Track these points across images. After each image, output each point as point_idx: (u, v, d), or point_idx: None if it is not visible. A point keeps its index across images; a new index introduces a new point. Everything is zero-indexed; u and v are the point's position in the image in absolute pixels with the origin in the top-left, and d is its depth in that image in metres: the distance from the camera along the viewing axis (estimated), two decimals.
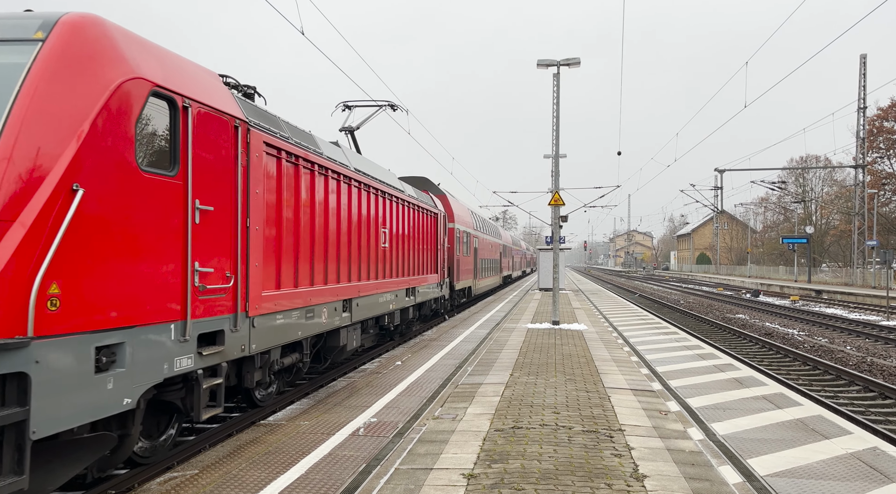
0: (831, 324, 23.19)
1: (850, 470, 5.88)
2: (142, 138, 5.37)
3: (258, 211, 7.20)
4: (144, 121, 5.41)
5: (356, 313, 10.86)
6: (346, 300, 10.38)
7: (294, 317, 8.21)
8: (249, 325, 6.93)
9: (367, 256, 11.46)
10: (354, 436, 6.72)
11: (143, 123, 5.38)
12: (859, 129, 47.41)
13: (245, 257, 6.81)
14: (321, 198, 9.30)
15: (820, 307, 31.86)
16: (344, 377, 10.58)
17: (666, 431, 6.94)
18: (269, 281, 7.48)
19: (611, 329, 17.27)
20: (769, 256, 75.05)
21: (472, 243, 26.42)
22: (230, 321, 6.56)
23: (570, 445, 6.27)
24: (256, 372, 7.54)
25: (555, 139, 19.11)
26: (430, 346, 13.72)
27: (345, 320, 10.32)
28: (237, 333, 6.68)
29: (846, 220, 57.48)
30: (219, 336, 6.39)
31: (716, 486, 5.28)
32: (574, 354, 12.38)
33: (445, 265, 20.18)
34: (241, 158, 6.74)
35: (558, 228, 18.97)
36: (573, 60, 17.79)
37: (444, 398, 8.49)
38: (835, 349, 17.22)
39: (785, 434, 7.13)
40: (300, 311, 8.39)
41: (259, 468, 5.71)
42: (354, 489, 5.16)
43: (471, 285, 26.57)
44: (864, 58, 46.76)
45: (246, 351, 6.91)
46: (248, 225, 6.89)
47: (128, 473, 6.04)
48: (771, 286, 49.80)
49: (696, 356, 12.96)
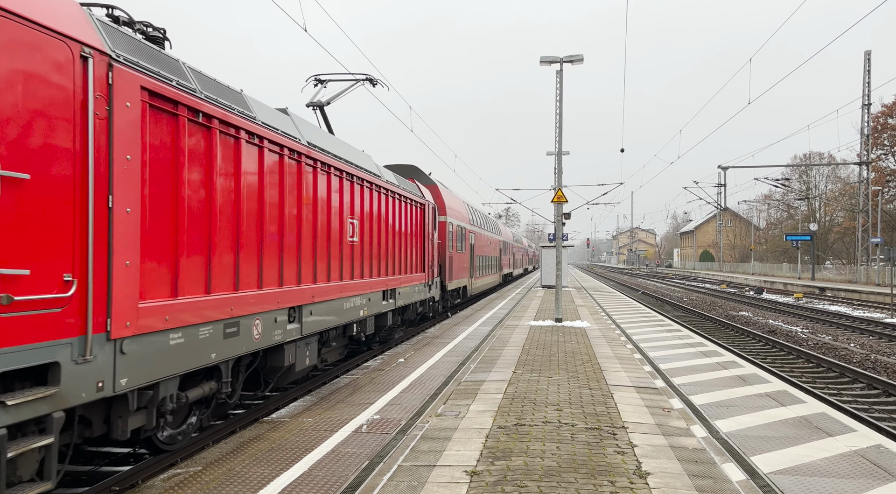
0: (835, 321, 23.13)
1: (854, 468, 5.87)
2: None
3: (131, 186, 5.13)
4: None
5: (309, 323, 8.68)
6: (293, 308, 8.27)
7: (203, 334, 6.16)
8: (114, 351, 4.95)
9: (326, 252, 9.40)
10: (357, 433, 6.72)
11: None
12: (864, 125, 47.24)
13: (104, 252, 4.83)
14: (253, 176, 7.22)
15: (824, 305, 31.79)
16: (347, 374, 10.58)
17: (669, 428, 6.93)
18: (155, 286, 5.51)
19: (614, 327, 17.25)
20: (773, 253, 74.89)
21: (467, 238, 24.14)
22: (72, 348, 4.51)
23: (573, 442, 6.26)
24: (134, 417, 5.49)
25: (558, 136, 19.07)
26: (432, 343, 13.72)
27: (291, 333, 8.15)
28: (88, 364, 4.65)
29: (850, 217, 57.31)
30: (51, 371, 4.40)
31: (719, 484, 5.27)
32: (577, 351, 12.37)
33: (435, 263, 18.15)
34: (93, 105, 4.73)
35: (561, 225, 18.94)
36: (576, 57, 17.74)
37: (447, 395, 8.49)
38: (839, 346, 17.18)
39: (789, 431, 7.11)
40: (214, 325, 6.32)
41: (262, 464, 5.72)
42: (357, 486, 5.16)
43: (466, 284, 24.25)
44: (868, 54, 46.56)
45: (106, 390, 4.86)
46: (112, 205, 4.89)
47: (131, 469, 6.05)
48: (774, 284, 49.70)
49: (699, 354, 12.94)
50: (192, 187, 6.06)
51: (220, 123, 6.56)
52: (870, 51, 46.49)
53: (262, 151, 7.42)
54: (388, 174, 13.61)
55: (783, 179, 60.78)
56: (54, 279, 4.42)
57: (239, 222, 6.88)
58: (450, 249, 20.47)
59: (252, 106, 7.50)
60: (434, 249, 17.84)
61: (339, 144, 10.75)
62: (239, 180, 6.88)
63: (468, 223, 24.59)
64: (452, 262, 20.97)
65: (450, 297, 21.57)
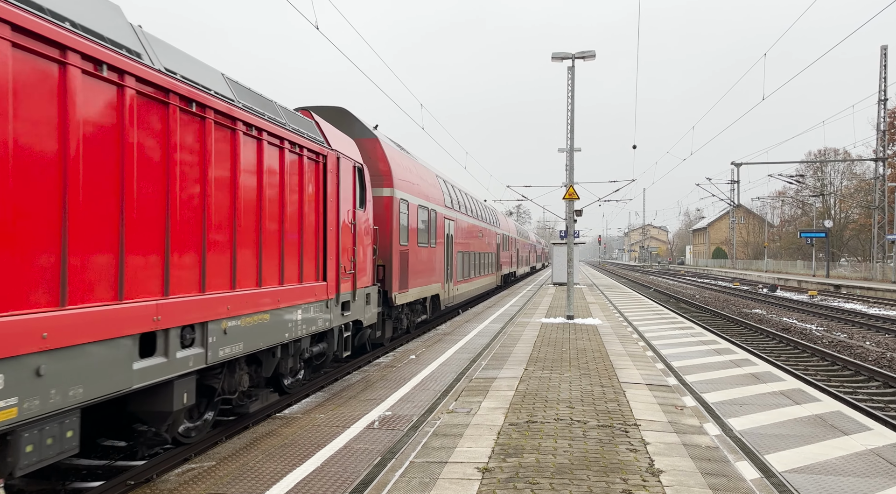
0: (850, 319, 22.89)
1: (869, 467, 5.81)
2: None
3: None
4: None
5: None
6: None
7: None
8: None
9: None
10: (369, 429, 6.75)
11: None
12: (880, 121, 46.66)
13: None
14: None
15: (839, 302, 31.46)
16: (358, 370, 10.62)
17: (682, 426, 6.89)
18: None
19: (625, 324, 17.18)
20: (787, 250, 74.24)
21: (440, 226, 17.49)
22: None
23: (585, 439, 6.25)
24: None
25: (569, 133, 18.99)
26: (443, 340, 13.73)
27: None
28: None
29: (866, 214, 56.67)
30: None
31: (733, 482, 5.24)
32: (588, 348, 12.33)
33: (368, 263, 11.04)
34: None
35: (573, 222, 18.87)
36: (588, 53, 17.65)
37: (458, 392, 8.49)
38: (854, 344, 17.00)
39: (803, 429, 7.05)
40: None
41: (275, 460, 5.76)
42: (370, 482, 5.18)
43: (438, 292, 17.32)
44: (884, 49, 45.97)
45: None
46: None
47: (146, 464, 6.11)
48: (788, 281, 49.25)
49: (712, 351, 12.86)
50: None
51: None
52: (886, 45, 45.90)
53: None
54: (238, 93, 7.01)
55: (797, 176, 60.16)
56: None
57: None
58: (402, 240, 13.44)
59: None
60: (361, 238, 10.51)
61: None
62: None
63: (441, 206, 17.68)
64: (406, 261, 13.73)
65: (407, 313, 14.64)
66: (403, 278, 13.58)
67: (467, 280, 22.13)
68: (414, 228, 14.50)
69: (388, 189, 12.86)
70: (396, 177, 13.19)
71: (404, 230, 13.62)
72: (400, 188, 13.31)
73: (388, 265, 12.63)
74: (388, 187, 12.86)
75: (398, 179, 13.28)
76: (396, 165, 13.37)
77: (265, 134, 7.28)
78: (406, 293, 13.85)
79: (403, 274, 13.57)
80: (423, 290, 15.37)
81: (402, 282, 13.51)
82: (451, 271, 19.01)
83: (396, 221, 13.04)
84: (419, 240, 15.00)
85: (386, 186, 12.82)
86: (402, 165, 13.93)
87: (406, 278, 13.79)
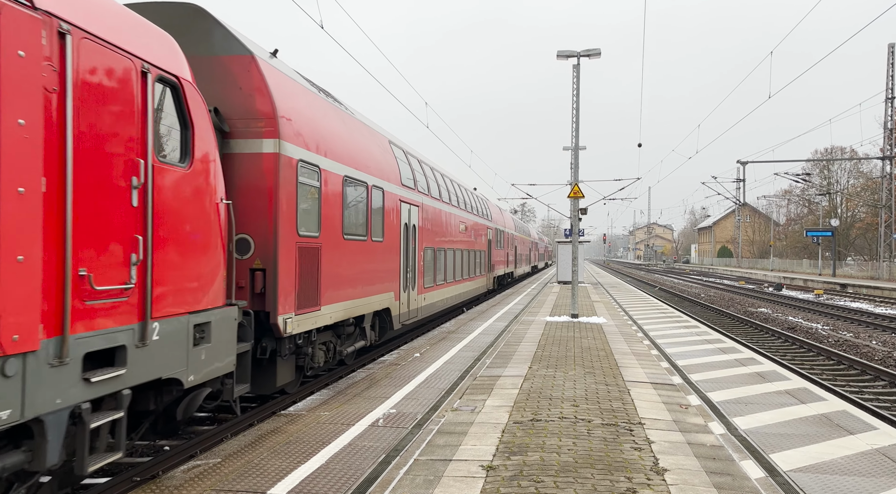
0: (856, 318, 22.79)
1: (875, 466, 5.79)
2: None
3: None
4: None
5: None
6: None
7: None
8: None
9: None
10: (374, 427, 6.76)
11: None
12: (887, 119, 46.44)
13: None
14: None
15: (845, 301, 31.33)
16: (363, 368, 10.63)
17: (686, 425, 6.89)
18: None
19: (630, 323, 17.15)
20: (792, 249, 73.96)
21: (393, 213, 12.37)
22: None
23: (590, 438, 6.25)
24: None
25: (574, 131, 18.96)
26: (448, 338, 13.74)
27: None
28: None
29: (873, 212, 56.38)
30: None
31: (738, 481, 5.23)
32: (593, 347, 12.32)
33: (200, 265, 5.96)
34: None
35: (577, 220, 18.85)
36: (593, 51, 17.62)
37: (462, 390, 8.50)
38: (860, 343, 16.93)
39: (808, 429, 7.03)
40: None
41: (280, 457, 5.77)
42: (374, 479, 5.19)
43: (388, 305, 12.06)
44: (892, 47, 45.72)
45: None
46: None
47: (152, 460, 6.14)
48: (794, 280, 49.06)
49: (717, 350, 12.83)
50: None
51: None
52: (894, 43, 45.65)
53: None
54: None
55: (804, 175, 59.90)
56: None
57: None
58: (302, 227, 8.33)
59: None
60: (175, 218, 5.55)
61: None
62: None
63: (396, 184, 12.56)
64: (314, 262, 8.71)
65: (330, 342, 9.69)
66: (307, 289, 8.29)
67: (441, 286, 16.86)
68: (335, 211, 9.27)
69: (272, 142, 7.55)
70: (290, 124, 7.93)
71: (309, 214, 8.45)
72: (299, 143, 8.11)
73: (272, 270, 7.48)
74: (270, 137, 7.56)
75: (295, 129, 8.06)
76: (293, 106, 8.21)
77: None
78: (312, 315, 8.46)
79: (307, 283, 8.28)
80: (354, 305, 10.11)
81: (304, 296, 8.22)
82: (415, 275, 13.95)
83: (289, 197, 7.79)
84: (346, 230, 9.71)
85: (267, 136, 7.55)
86: (306, 109, 8.75)
87: (313, 289, 8.50)
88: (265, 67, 7.90)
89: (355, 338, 10.74)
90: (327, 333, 9.50)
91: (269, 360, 7.83)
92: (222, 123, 7.38)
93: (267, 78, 7.74)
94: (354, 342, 10.67)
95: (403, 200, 13.05)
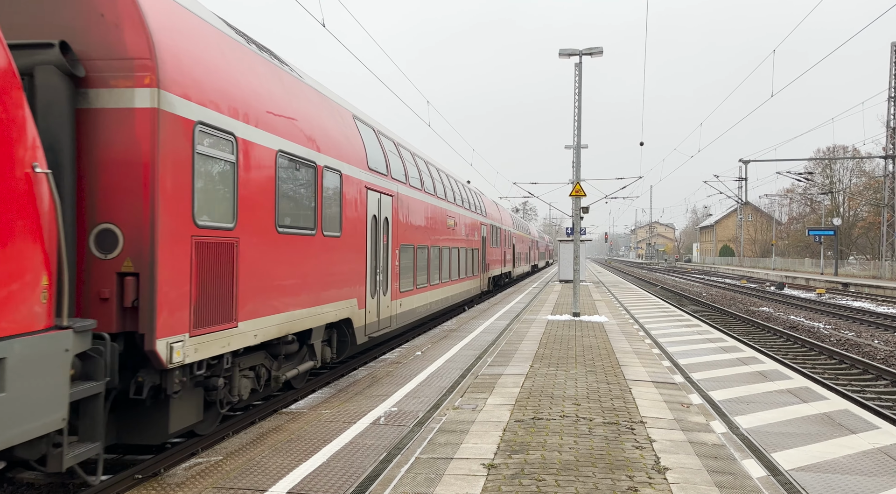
0: (858, 318, 22.76)
1: (877, 465, 5.78)
2: None
3: None
4: None
5: None
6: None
7: None
8: None
9: None
10: (375, 425, 6.76)
11: None
12: (889, 118, 46.34)
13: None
14: None
15: (847, 301, 31.28)
16: (364, 366, 10.64)
17: (688, 424, 6.88)
18: None
19: (632, 321, 17.14)
20: (794, 248, 73.86)
21: (356, 202, 10.23)
22: None
23: (591, 436, 6.25)
24: None
25: (576, 130, 18.94)
26: (449, 337, 13.74)
27: None
28: None
29: (875, 211, 56.28)
30: None
31: (739, 480, 5.23)
32: (595, 346, 12.32)
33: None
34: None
35: (579, 219, 18.84)
36: (595, 49, 17.59)
37: (464, 388, 8.50)
38: (862, 342, 16.91)
39: (810, 428, 7.03)
40: None
41: (281, 455, 5.78)
42: (375, 477, 5.20)
43: (349, 315, 9.88)
44: (895, 46, 45.60)
45: None
46: None
47: (154, 458, 6.14)
48: (796, 279, 48.99)
49: (718, 349, 12.81)
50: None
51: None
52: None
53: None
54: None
55: (806, 173, 59.81)
56: None
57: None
58: (200, 216, 6.07)
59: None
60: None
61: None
62: None
63: (361, 168, 10.49)
64: (227, 264, 6.51)
65: (261, 366, 7.70)
66: (213, 300, 6.17)
67: (424, 289, 14.85)
68: (262, 196, 7.09)
69: (148, 93, 5.48)
70: (183, 71, 5.85)
71: (217, 198, 6.36)
72: (198, 99, 6.00)
73: (148, 274, 5.40)
74: (145, 85, 5.48)
75: (192, 79, 5.96)
76: (190, 48, 6.08)
77: None
78: (222, 335, 6.31)
79: (212, 292, 6.17)
80: (295, 318, 7.91)
81: (208, 310, 6.09)
82: (387, 278, 11.91)
83: (178, 171, 5.74)
84: (282, 222, 7.57)
85: (142, 84, 5.48)
86: (217, 57, 6.61)
87: (225, 299, 6.37)
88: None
89: (302, 358, 8.68)
90: (257, 354, 7.43)
91: (155, 399, 5.76)
92: (74, 64, 5.21)
93: (141, 5, 5.51)
94: (300, 363, 8.60)
95: (372, 187, 10.94)
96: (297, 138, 8.05)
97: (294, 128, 8.03)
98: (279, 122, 7.61)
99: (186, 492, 4.92)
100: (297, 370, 8.45)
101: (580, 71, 18.15)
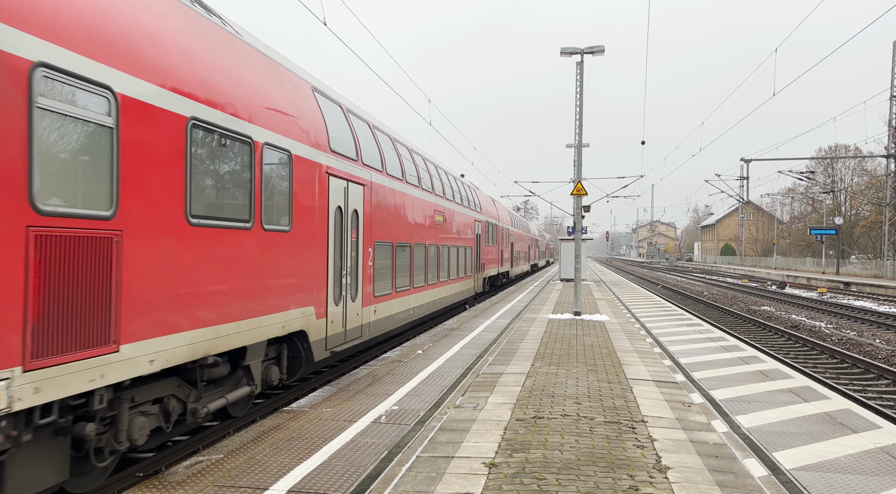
0: (860, 317, 22.74)
1: (879, 465, 5.77)
2: None
3: None
4: None
5: None
6: None
7: None
8: None
9: None
10: (376, 424, 6.76)
11: None
12: (891, 117, 46.25)
13: None
14: None
15: (848, 300, 31.25)
16: (365, 365, 10.64)
17: (689, 423, 6.87)
18: None
19: (633, 320, 17.13)
20: (796, 247, 73.78)
21: (315, 190, 8.60)
22: None
23: (592, 435, 6.24)
24: None
25: (577, 128, 18.92)
26: (450, 335, 13.74)
27: None
28: None
29: (877, 211, 56.19)
30: None
31: (740, 479, 5.22)
32: (596, 345, 12.31)
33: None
34: None
35: (580, 218, 18.82)
36: (597, 48, 17.57)
37: (465, 387, 8.50)
38: (863, 342, 16.89)
39: (812, 427, 7.02)
40: None
41: (282, 453, 5.78)
42: (376, 476, 5.19)
43: (302, 327, 8.27)
44: None
45: None
46: None
47: (154, 457, 6.14)
48: (797, 278, 48.95)
49: (720, 348, 12.80)
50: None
51: None
52: None
53: None
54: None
55: (808, 172, 59.72)
56: None
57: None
58: (41, 198, 4.28)
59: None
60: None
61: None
62: None
63: (322, 149, 8.92)
64: (77, 272, 4.59)
65: (149, 401, 5.84)
66: (72, 316, 4.53)
67: (404, 293, 13.27)
68: (164, 176, 5.56)
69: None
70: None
71: (79, 172, 4.72)
72: (38, 32, 4.30)
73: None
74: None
75: (30, 3, 4.29)
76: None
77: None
78: (91, 364, 4.69)
79: (70, 305, 4.51)
80: (219, 334, 6.37)
81: (63, 330, 4.45)
82: (357, 280, 10.25)
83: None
84: (197, 210, 6.00)
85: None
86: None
87: (96, 314, 4.73)
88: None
89: (236, 383, 7.09)
90: (165, 383, 5.90)
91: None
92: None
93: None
94: (232, 389, 7.00)
95: (335, 173, 9.20)
96: (222, 106, 6.40)
97: (219, 93, 6.39)
98: (195, 83, 6.01)
99: (187, 490, 4.92)
100: (226, 400, 6.80)
101: (582, 70, 18.12)
